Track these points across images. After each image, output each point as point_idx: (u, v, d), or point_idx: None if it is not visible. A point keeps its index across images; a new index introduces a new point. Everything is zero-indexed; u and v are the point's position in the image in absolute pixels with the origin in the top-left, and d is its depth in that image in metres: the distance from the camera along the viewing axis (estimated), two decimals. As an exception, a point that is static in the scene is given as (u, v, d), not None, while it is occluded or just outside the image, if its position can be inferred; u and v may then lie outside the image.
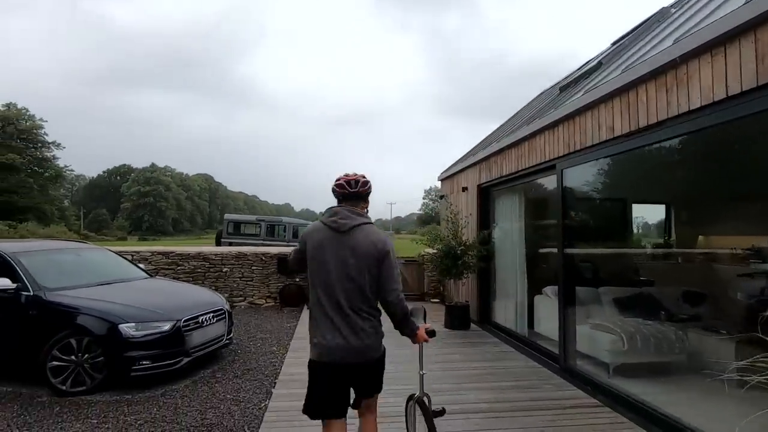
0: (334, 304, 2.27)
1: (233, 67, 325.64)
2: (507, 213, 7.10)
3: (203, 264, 9.54)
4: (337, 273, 2.28)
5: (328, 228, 2.35)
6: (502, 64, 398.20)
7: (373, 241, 2.31)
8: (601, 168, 4.89)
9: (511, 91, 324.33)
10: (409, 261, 10.54)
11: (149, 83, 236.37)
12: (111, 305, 4.61)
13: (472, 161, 8.08)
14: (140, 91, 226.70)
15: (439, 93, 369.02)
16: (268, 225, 15.93)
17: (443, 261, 7.22)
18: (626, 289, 5.44)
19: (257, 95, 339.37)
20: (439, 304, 9.85)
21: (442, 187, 10.41)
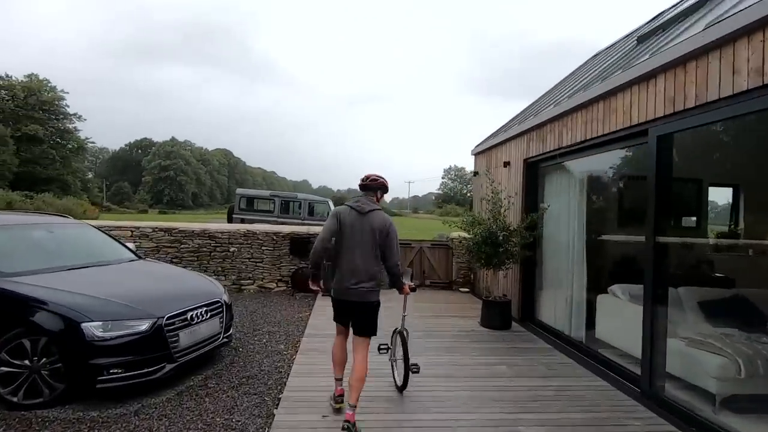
0: (353, 262, 3.34)
1: (255, 40, 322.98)
2: (562, 192, 5.88)
3: (208, 243, 8.64)
4: (357, 240, 3.33)
5: (354, 210, 3.40)
6: (527, 40, 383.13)
7: (382, 221, 3.36)
8: (716, 136, 3.63)
9: (537, 68, 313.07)
10: (435, 245, 9.44)
11: (171, 56, 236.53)
12: (75, 297, 3.66)
13: (518, 131, 6.82)
14: (162, 64, 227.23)
15: (461, 70, 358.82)
16: (282, 201, 14.92)
17: (482, 248, 6.09)
18: (740, 294, 4.24)
19: (278, 70, 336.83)
20: (469, 295, 8.78)
21: (477, 162, 9.17)
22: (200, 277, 5.07)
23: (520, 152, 6.77)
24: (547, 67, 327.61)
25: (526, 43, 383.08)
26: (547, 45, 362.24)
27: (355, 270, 3.31)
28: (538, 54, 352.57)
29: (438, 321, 6.55)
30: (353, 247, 3.32)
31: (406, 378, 3.82)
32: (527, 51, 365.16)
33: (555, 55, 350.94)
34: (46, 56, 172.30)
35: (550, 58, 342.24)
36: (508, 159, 7.24)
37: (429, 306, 7.57)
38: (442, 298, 8.41)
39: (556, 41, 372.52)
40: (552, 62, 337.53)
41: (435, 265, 9.32)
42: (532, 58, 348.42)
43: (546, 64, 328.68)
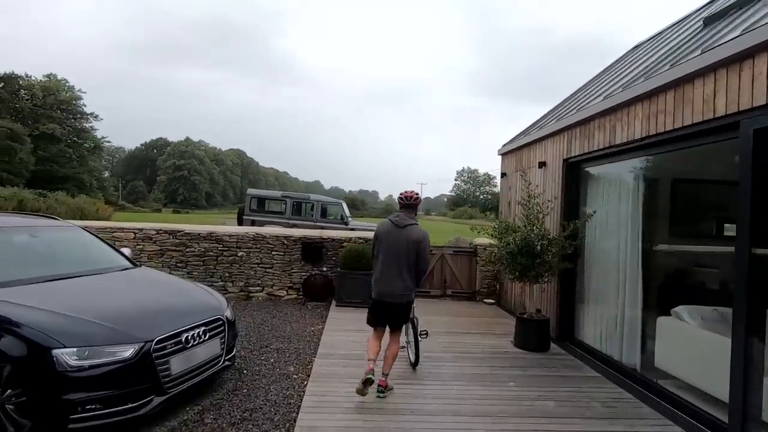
0: (390, 268, 3.93)
1: (273, 41, 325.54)
2: (613, 196, 5.16)
3: (215, 246, 8.09)
4: (393, 250, 3.93)
5: (393, 224, 4.02)
6: (545, 40, 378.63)
7: (418, 235, 3.95)
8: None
9: (554, 71, 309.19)
10: (458, 252, 8.75)
11: (190, 56, 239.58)
12: (46, 317, 3.09)
13: (556, 128, 6.11)
14: (181, 65, 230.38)
15: (476, 70, 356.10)
16: (294, 202, 14.34)
17: (517, 258, 5.39)
18: None
19: (293, 71, 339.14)
20: (495, 307, 8.07)
21: (504, 163, 8.46)
22: (200, 289, 4.47)
23: (559, 151, 6.06)
24: (562, 69, 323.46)
25: (541, 43, 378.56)
26: (562, 45, 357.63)
27: (392, 275, 3.91)
28: (552, 54, 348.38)
29: (465, 339, 5.87)
30: (390, 256, 3.92)
31: (417, 356, 4.56)
32: (542, 51, 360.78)
33: (570, 56, 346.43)
34: (67, 56, 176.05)
35: (565, 60, 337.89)
36: (543, 159, 6.53)
37: (452, 321, 6.89)
38: (466, 310, 7.71)
39: (572, 41, 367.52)
40: (566, 65, 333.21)
41: (457, 273, 8.62)
42: (546, 59, 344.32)
43: (561, 66, 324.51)
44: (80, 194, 43.17)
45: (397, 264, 3.86)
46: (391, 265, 3.87)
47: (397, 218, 3.99)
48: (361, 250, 7.54)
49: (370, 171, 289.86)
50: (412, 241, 3.86)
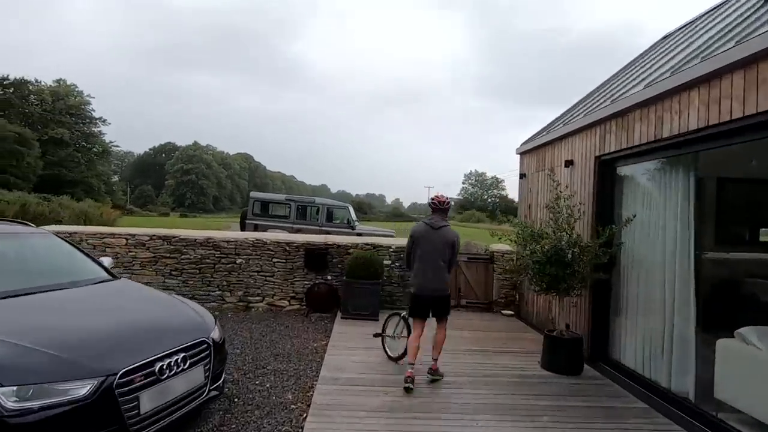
0: (428, 265, 4.37)
1: (281, 46, 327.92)
2: (656, 198, 4.51)
3: (212, 253, 7.55)
4: (430, 249, 4.38)
5: (429, 226, 4.43)
6: (554, 42, 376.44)
7: (452, 235, 4.44)
8: None
9: (562, 74, 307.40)
10: (473, 259, 8.12)
11: (199, 62, 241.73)
12: (-15, 346, 2.52)
13: (586, 123, 5.48)
14: (191, 69, 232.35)
15: (484, 73, 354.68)
16: (299, 206, 13.75)
17: (546, 269, 4.76)
18: None
19: (301, 75, 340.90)
20: (514, 320, 7.41)
21: (523, 163, 7.83)
22: (183, 305, 3.90)
23: (590, 148, 5.43)
24: (572, 72, 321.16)
25: (550, 46, 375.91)
26: (572, 48, 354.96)
27: (432, 271, 4.35)
28: (561, 57, 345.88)
29: (485, 360, 5.23)
30: (429, 254, 4.36)
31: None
32: (551, 54, 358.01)
33: (579, 59, 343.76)
34: (78, 62, 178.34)
35: (575, 63, 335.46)
36: (570, 157, 5.90)
37: (470, 336, 6.25)
38: (483, 323, 7.07)
39: (581, 44, 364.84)
40: (576, 68, 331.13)
41: (472, 282, 7.99)
42: (555, 61, 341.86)
43: (570, 69, 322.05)
44: (87, 198, 43.28)
45: (436, 261, 4.34)
46: (430, 261, 4.35)
47: (432, 221, 4.45)
48: (368, 257, 6.94)
49: (377, 174, 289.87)
50: (447, 242, 4.37)
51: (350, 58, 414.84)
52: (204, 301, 7.46)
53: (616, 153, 4.92)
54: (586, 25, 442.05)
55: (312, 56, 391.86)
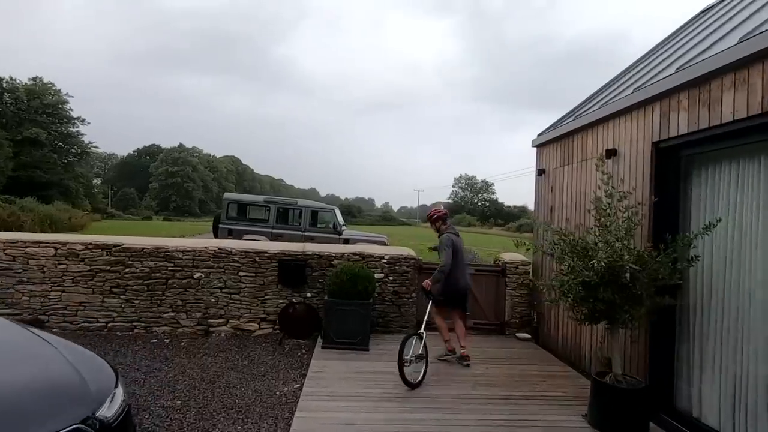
0: (465, 267, 5.35)
1: (271, 48, 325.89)
2: (747, 198, 3.27)
3: (164, 265, 6.14)
4: (462, 254, 5.29)
5: (457, 235, 5.28)
6: (544, 49, 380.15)
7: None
8: None
9: (552, 79, 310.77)
10: (481, 271, 6.82)
11: (187, 64, 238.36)
12: None
13: (637, 100, 4.24)
14: (179, 72, 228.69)
15: (475, 78, 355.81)
16: (279, 208, 12.24)
17: (597, 292, 3.47)
18: None
19: (291, 78, 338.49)
20: (532, 345, 6.13)
21: (541, 156, 6.58)
22: (62, 361, 2.50)
23: (643, 132, 4.18)
24: (563, 77, 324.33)
25: (541, 52, 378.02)
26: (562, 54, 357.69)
27: (464, 272, 5.24)
28: (553, 63, 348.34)
29: (512, 414, 3.91)
30: (463, 258, 5.28)
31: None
32: (541, 60, 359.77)
33: (571, 65, 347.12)
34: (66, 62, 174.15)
35: (566, 69, 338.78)
36: (612, 146, 4.65)
37: (484, 373, 4.93)
38: (497, 351, 5.76)
39: (571, 51, 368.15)
40: (568, 73, 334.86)
41: (481, 299, 6.69)
42: (545, 68, 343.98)
43: (561, 75, 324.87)
44: (65, 201, 41.22)
45: (465, 263, 5.35)
46: (464, 263, 5.28)
47: (455, 230, 5.38)
48: (356, 271, 5.60)
49: (366, 178, 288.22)
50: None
51: (341, 62, 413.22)
52: (153, 325, 6.06)
53: (687, 137, 3.67)
54: (574, 34, 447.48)
55: (302, 59, 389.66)
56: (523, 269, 6.64)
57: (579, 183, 5.34)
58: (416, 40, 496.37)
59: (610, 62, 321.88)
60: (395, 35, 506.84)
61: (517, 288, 6.62)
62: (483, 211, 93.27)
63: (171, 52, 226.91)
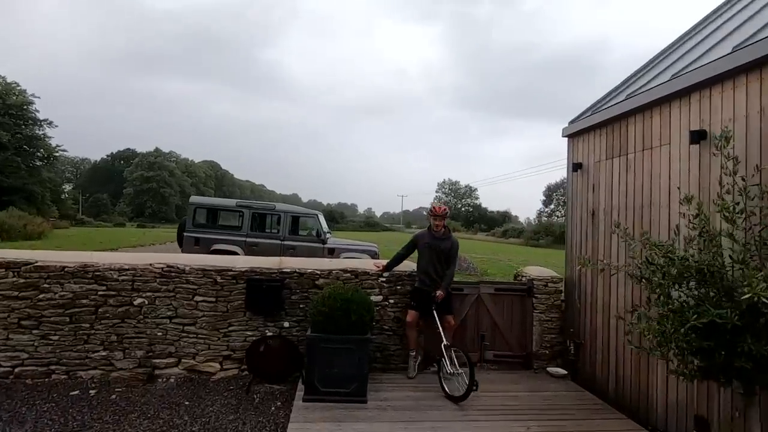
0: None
1: (255, 52, 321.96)
2: None
3: (93, 289, 4.64)
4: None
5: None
6: (530, 55, 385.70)
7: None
8: None
9: (536, 86, 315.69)
10: (501, 291, 5.52)
11: (169, 67, 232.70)
12: None
13: (747, 59, 3.02)
14: (160, 75, 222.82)
15: (460, 84, 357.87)
16: (255, 213, 10.65)
17: (740, 341, 2.19)
18: None
19: (275, 83, 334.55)
20: (568, 384, 4.82)
21: (576, 148, 5.34)
22: None
23: (758, 102, 2.96)
24: (549, 85, 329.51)
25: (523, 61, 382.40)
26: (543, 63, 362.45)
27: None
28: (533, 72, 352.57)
29: None
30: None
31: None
32: (529, 68, 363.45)
33: (556, 72, 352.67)
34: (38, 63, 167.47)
35: (551, 76, 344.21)
36: (700, 126, 3.41)
37: None
38: (533, 399, 4.43)
39: (552, 60, 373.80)
40: (553, 80, 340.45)
41: (502, 326, 5.39)
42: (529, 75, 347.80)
43: (543, 83, 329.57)
44: (30, 207, 38.53)
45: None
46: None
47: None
48: (349, 296, 4.22)
49: (349, 184, 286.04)
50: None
51: (326, 68, 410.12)
52: (78, 369, 4.57)
53: None
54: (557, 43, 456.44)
55: (287, 64, 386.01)
56: (554, 287, 5.38)
57: (640, 179, 4.11)
58: (402, 46, 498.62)
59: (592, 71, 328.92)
60: (381, 41, 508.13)
61: (546, 311, 5.35)
62: (467, 216, 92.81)
63: (150, 54, 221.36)
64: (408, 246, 5.01)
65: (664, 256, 2.57)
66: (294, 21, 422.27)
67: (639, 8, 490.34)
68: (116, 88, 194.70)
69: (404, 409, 3.99)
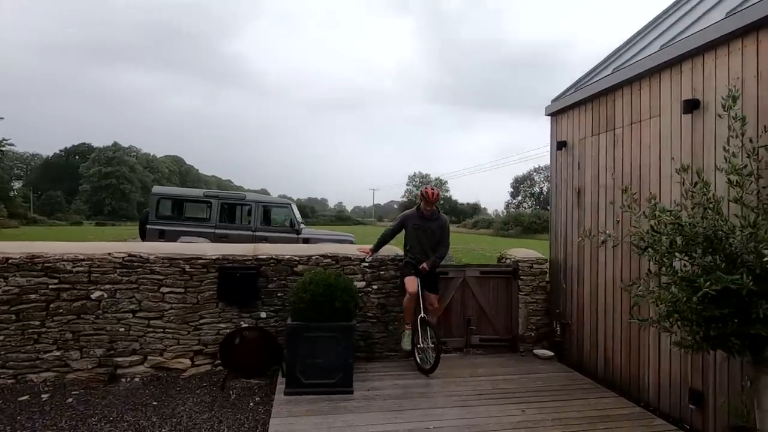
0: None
1: (221, 45, 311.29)
2: None
3: (43, 282, 4.17)
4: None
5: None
6: (498, 51, 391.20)
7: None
8: None
9: (506, 80, 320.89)
10: (487, 274, 5.38)
11: (129, 59, 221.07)
12: None
13: (741, 24, 2.94)
14: (119, 67, 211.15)
15: (430, 78, 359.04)
16: (224, 204, 9.85)
17: (755, 308, 2.09)
18: None
19: (241, 76, 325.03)
20: (556, 366, 4.74)
21: (560, 126, 5.25)
22: None
23: (754, 66, 2.89)
24: (516, 79, 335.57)
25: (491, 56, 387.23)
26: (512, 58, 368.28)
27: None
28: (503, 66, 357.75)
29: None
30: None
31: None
32: (498, 62, 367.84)
33: (523, 67, 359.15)
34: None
35: (519, 71, 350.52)
36: (692, 95, 3.34)
37: (523, 420, 3.46)
38: (524, 381, 4.30)
39: (526, 53, 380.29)
40: (520, 75, 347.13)
41: (488, 309, 5.27)
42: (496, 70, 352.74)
43: (515, 77, 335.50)
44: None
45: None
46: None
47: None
48: (332, 281, 3.96)
49: (319, 179, 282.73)
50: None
51: (294, 62, 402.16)
52: (28, 372, 4.10)
53: None
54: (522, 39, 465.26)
55: (253, 58, 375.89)
56: (539, 269, 5.30)
57: (629, 153, 4.03)
58: (372, 40, 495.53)
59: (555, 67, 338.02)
60: (351, 34, 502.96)
61: (531, 293, 5.26)
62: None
63: (109, 45, 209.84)
64: (395, 226, 4.80)
65: (672, 224, 2.45)
66: (260, 13, 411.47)
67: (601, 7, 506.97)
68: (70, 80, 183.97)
69: (393, 398, 3.77)
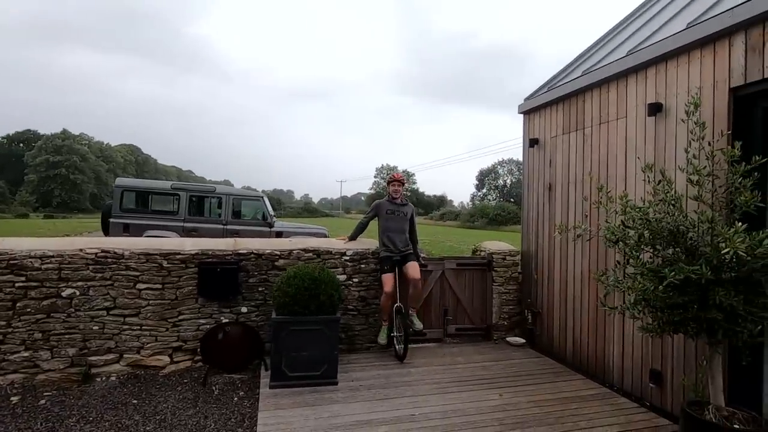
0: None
1: (183, 28, 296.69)
2: None
3: (9, 280, 3.97)
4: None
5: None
6: (467, 44, 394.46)
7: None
8: None
9: (476, 73, 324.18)
10: (463, 266, 5.57)
11: (79, 39, 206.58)
12: None
13: (705, 33, 3.21)
14: (68, 48, 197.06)
15: (398, 70, 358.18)
16: (192, 197, 9.55)
17: (712, 295, 2.34)
18: None
19: (205, 62, 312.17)
20: (529, 353, 5.01)
21: (533, 124, 5.48)
22: None
23: (712, 77, 3.16)
24: (485, 72, 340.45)
25: (462, 49, 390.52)
26: (485, 50, 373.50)
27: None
28: (471, 58, 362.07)
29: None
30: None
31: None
32: (468, 55, 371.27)
33: (492, 61, 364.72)
34: None
35: (487, 64, 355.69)
36: (655, 99, 3.60)
37: (501, 404, 3.68)
38: (499, 367, 4.53)
39: (495, 47, 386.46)
40: (488, 68, 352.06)
41: (464, 300, 5.47)
42: (465, 62, 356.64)
43: (483, 70, 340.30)
44: None
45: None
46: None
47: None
48: (316, 275, 4.01)
49: (285, 170, 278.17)
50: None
51: (262, 50, 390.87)
52: (-7, 374, 3.90)
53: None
54: (491, 33, 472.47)
55: (216, 42, 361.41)
56: (511, 260, 5.54)
57: (597, 152, 4.29)
58: (343, 31, 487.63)
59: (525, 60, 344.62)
60: (321, 24, 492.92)
61: (504, 283, 5.50)
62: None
63: (60, 24, 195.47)
64: (369, 213, 5.01)
65: (641, 219, 2.67)
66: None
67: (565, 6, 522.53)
68: (13, 61, 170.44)
69: (377, 387, 3.89)
